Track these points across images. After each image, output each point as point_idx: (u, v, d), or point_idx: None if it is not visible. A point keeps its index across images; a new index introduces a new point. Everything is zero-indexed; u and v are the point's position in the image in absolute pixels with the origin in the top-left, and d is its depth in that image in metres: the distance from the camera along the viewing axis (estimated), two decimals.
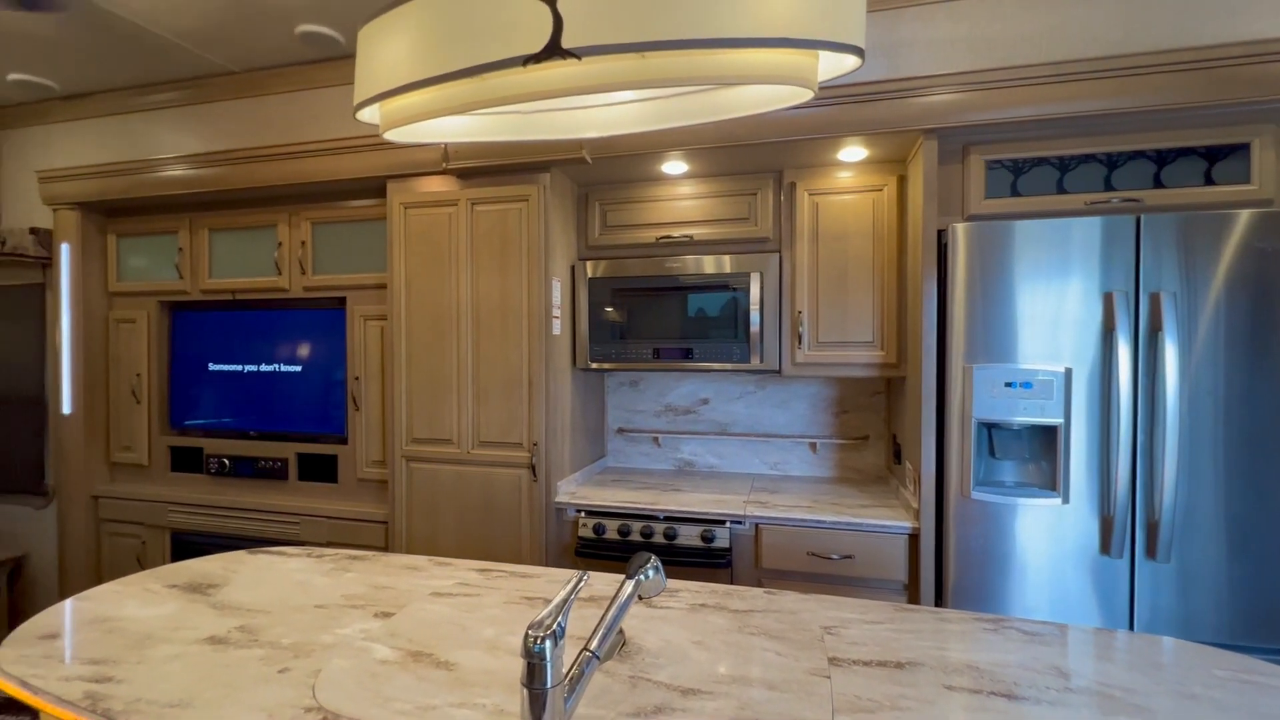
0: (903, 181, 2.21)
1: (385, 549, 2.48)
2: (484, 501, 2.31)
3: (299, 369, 2.75)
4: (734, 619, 1.26)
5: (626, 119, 1.09)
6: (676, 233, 2.43)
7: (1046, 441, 1.85)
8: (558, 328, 2.36)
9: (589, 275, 2.48)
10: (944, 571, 1.91)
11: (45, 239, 2.92)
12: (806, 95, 1.01)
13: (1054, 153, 1.98)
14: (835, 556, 2.02)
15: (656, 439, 2.82)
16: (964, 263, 1.86)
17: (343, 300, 2.67)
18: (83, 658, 1.11)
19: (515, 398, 2.28)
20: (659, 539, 2.18)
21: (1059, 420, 1.79)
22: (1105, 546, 1.77)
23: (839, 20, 0.86)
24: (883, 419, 2.59)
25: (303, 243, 2.68)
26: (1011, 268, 1.82)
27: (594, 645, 0.90)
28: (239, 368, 2.84)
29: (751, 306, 2.30)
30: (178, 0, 2.07)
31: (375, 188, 2.53)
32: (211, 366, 2.88)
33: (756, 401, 2.71)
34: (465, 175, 2.35)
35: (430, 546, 2.37)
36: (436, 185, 2.39)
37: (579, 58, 0.86)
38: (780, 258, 2.32)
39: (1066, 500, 1.79)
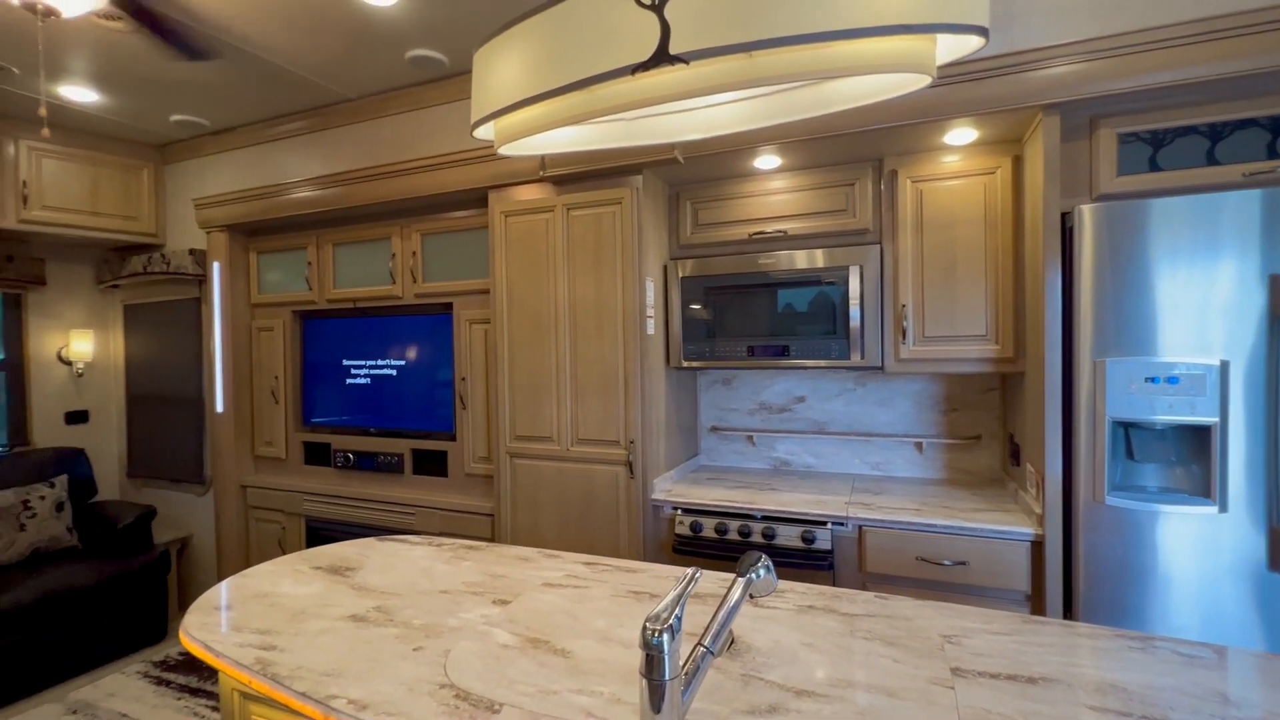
0: (1018, 162, 2.06)
1: (492, 539, 2.62)
2: (583, 497, 2.39)
3: (412, 370, 2.96)
4: (844, 622, 1.23)
5: (729, 119, 1.10)
6: (770, 228, 2.40)
7: (1197, 443, 1.66)
8: (651, 327, 2.40)
9: (681, 274, 2.49)
10: (1073, 583, 1.76)
11: (200, 258, 3.32)
12: (923, 82, 0.97)
13: (1203, 120, 1.77)
14: (947, 563, 1.91)
15: (751, 438, 2.79)
16: (1092, 247, 1.70)
17: (449, 305, 2.84)
18: (251, 627, 1.25)
19: (612, 396, 2.34)
20: (757, 538, 2.16)
21: (1213, 419, 1.60)
22: (1275, 562, 1.56)
23: None
24: (997, 417, 2.42)
25: (414, 253, 2.88)
26: (1149, 251, 1.65)
27: (708, 641, 0.92)
28: (360, 369, 3.09)
29: (850, 301, 2.23)
30: (306, 37, 2.28)
31: (478, 198, 2.68)
32: (337, 368, 3.16)
33: (856, 399, 2.62)
34: (561, 182, 2.44)
35: (533, 539, 2.48)
36: (533, 193, 2.49)
37: (687, 62, 0.88)
38: (881, 249, 2.23)
39: (1224, 509, 1.60)
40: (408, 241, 2.90)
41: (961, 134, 2.04)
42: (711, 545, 2.21)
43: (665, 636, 0.83)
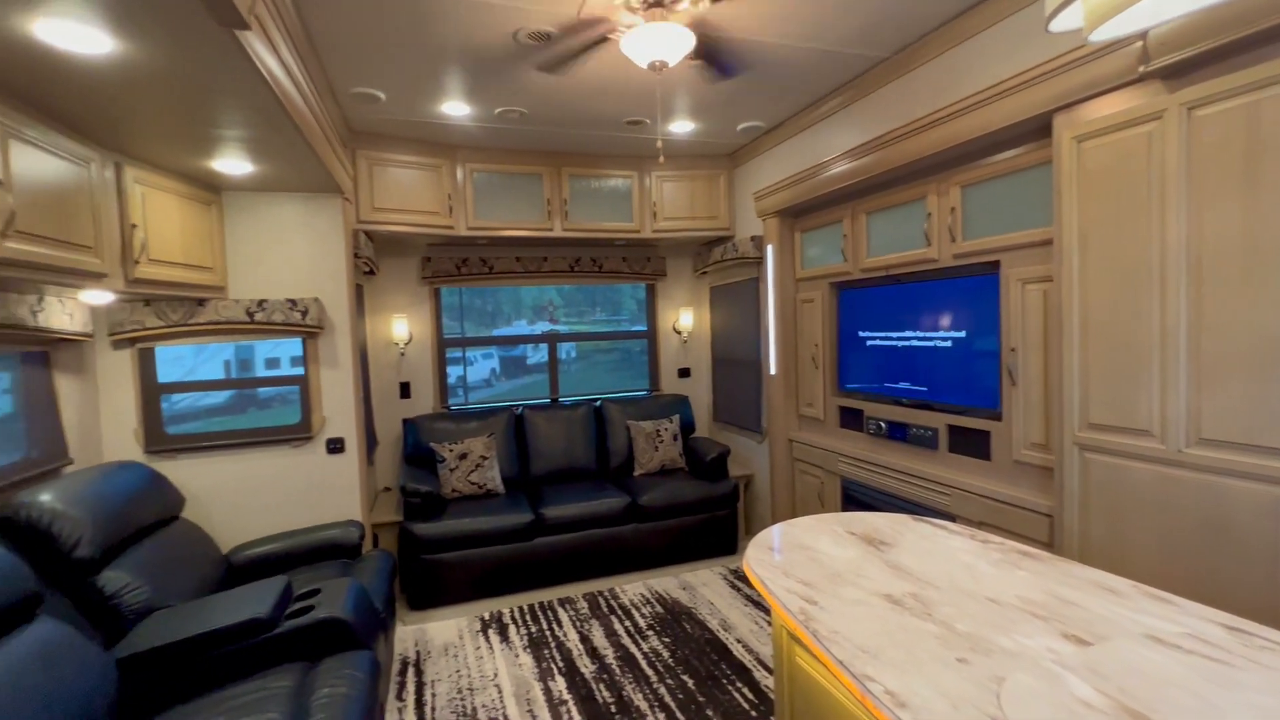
0: None
1: (1048, 545, 2.15)
2: (1205, 522, 1.67)
3: (947, 339, 2.71)
4: None
5: None
6: None
7: None
8: None
9: None
10: None
11: (758, 243, 3.90)
12: None
13: None
14: None
15: None
16: None
17: (995, 264, 2.44)
18: (796, 576, 1.37)
19: (1271, 382, 1.54)
20: None
21: None
22: None
23: None
24: None
25: (952, 209, 2.60)
26: None
27: None
28: (892, 338, 3.04)
29: None
30: (834, 7, 2.30)
31: (1034, 129, 2.18)
32: (869, 337, 3.20)
33: None
34: (1174, 74, 1.72)
35: (1112, 561, 1.91)
36: (1124, 101, 1.84)
37: None
38: None
39: None
40: (945, 198, 2.64)
41: None
42: None
43: None
